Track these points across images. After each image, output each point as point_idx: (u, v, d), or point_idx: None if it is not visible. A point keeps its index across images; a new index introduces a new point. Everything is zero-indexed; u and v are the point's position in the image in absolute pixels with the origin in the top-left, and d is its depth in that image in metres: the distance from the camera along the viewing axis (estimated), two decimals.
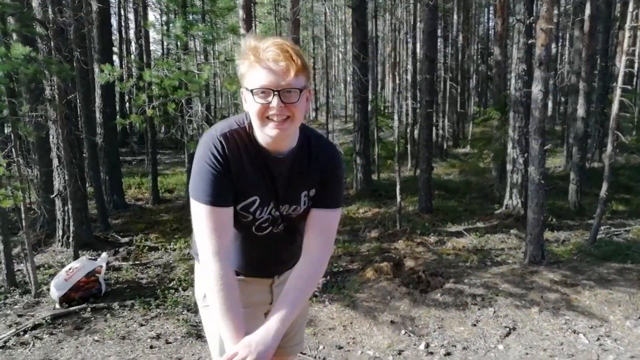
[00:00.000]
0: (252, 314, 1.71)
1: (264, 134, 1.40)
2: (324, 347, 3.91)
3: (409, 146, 15.88)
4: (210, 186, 1.40)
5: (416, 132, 15.90)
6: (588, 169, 11.73)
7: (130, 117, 5.47)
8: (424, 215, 8.77)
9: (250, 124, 1.46)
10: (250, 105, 1.37)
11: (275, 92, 1.33)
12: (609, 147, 6.39)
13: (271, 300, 1.77)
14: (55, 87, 5.12)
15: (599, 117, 12.67)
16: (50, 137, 6.11)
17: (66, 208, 5.98)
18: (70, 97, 5.91)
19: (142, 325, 4.28)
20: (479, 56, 25.81)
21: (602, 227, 7.20)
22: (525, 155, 7.92)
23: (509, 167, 8.59)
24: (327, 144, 1.59)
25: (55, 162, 6.07)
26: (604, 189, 6.33)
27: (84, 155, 7.25)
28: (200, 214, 1.42)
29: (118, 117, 8.43)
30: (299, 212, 1.57)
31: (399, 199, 7.69)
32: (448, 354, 3.79)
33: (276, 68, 1.32)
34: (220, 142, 1.41)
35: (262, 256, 1.68)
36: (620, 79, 6.22)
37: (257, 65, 1.33)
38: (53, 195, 6.18)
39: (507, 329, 4.17)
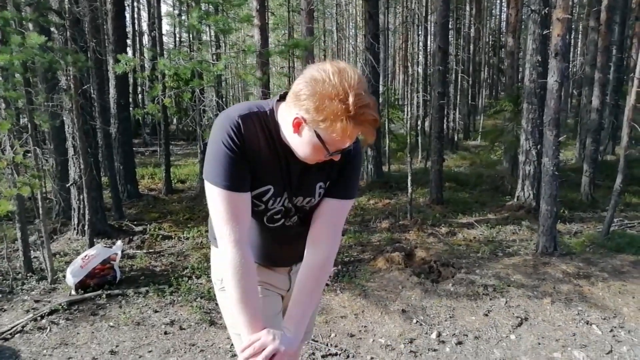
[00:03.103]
0: (270, 294, 1.73)
1: (302, 157, 1.38)
2: (335, 335, 3.94)
3: (419, 138, 15.83)
4: (227, 170, 1.35)
5: (427, 124, 15.84)
6: (601, 162, 11.61)
7: (149, 107, 5.48)
8: (434, 206, 8.76)
9: (271, 112, 1.40)
10: (311, 146, 1.31)
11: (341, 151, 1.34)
12: (624, 139, 6.32)
13: (289, 287, 1.76)
14: (71, 77, 5.17)
15: (613, 110, 12.53)
16: (66, 126, 6.19)
17: (81, 197, 6.05)
18: (85, 88, 5.97)
19: (156, 311, 4.35)
20: (491, 48, 25.56)
21: (616, 220, 7.14)
22: (539, 146, 7.86)
23: (521, 158, 8.53)
24: None
25: (71, 151, 6.15)
26: (619, 181, 6.26)
27: (99, 145, 7.33)
28: (216, 198, 1.37)
29: (132, 107, 8.48)
30: (313, 204, 1.54)
31: (410, 190, 7.68)
32: (460, 343, 3.81)
33: (354, 137, 1.29)
34: (238, 123, 1.35)
35: (277, 248, 1.66)
36: (638, 69, 6.13)
37: (351, 127, 1.23)
38: (69, 184, 6.26)
39: (519, 319, 4.17)
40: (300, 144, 1.33)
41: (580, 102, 16.03)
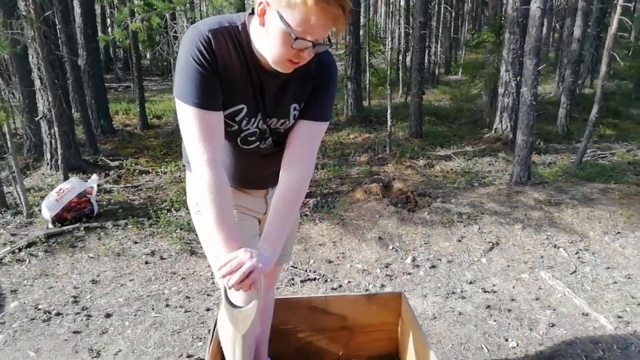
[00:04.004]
0: (246, 217, 1.73)
1: (274, 65, 1.30)
2: (314, 262, 4.04)
3: (400, 73, 15.61)
4: (198, 87, 1.30)
5: (408, 59, 15.56)
6: (578, 95, 11.69)
7: (115, 32, 5.19)
8: (413, 140, 8.80)
9: (243, 26, 1.34)
10: (278, 35, 1.23)
11: (315, 45, 1.24)
12: (603, 68, 6.31)
13: (265, 210, 1.77)
14: (30, 1, 4.84)
15: (594, 42, 12.44)
16: (30, 56, 5.88)
17: (52, 131, 5.87)
18: (47, 14, 5.62)
19: (136, 243, 4.37)
20: None
21: (589, 151, 7.30)
22: (518, 78, 7.84)
23: (500, 90, 8.52)
24: (325, 53, 1.46)
25: (37, 83, 5.88)
26: (594, 111, 6.33)
27: (67, 77, 7.02)
28: (187, 117, 1.33)
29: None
30: (288, 126, 1.52)
31: (389, 123, 7.66)
32: (433, 266, 3.95)
33: (327, 22, 1.20)
34: (208, 37, 1.29)
35: (253, 170, 1.64)
36: None
37: (317, 10, 1.17)
38: (38, 118, 6.05)
39: (491, 244, 4.32)
40: (267, 40, 1.27)
41: (562, 35, 15.86)
